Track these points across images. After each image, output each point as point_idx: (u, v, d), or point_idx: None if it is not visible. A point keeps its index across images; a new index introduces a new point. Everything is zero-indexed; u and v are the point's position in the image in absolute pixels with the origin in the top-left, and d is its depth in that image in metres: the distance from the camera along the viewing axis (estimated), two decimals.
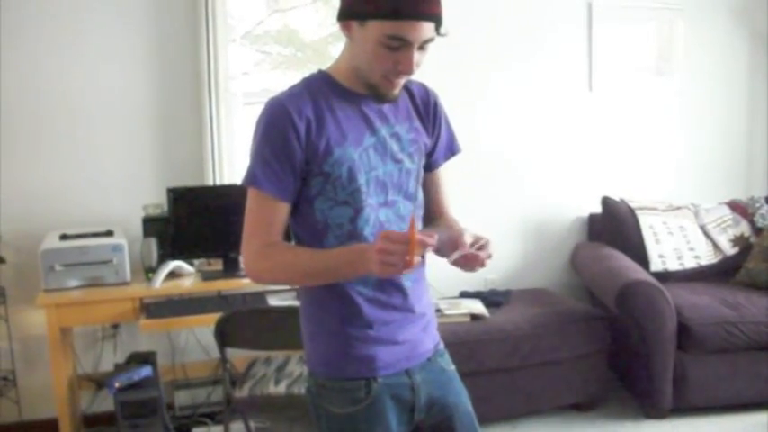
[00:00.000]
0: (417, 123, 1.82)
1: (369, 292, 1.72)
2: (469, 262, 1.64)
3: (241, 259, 1.73)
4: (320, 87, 1.72)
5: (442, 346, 1.90)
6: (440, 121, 1.88)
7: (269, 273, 1.74)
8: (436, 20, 1.60)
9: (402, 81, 1.69)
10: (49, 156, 3.80)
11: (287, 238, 1.76)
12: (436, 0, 1.59)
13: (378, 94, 1.69)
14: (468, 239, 1.62)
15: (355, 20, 1.61)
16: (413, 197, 1.79)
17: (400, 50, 1.59)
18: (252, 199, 1.70)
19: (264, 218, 1.69)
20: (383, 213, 1.73)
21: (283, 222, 1.72)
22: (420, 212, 1.84)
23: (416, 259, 1.50)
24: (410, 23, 1.56)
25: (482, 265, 1.64)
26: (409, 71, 1.63)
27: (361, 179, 1.69)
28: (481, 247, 1.64)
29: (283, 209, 1.70)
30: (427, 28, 1.58)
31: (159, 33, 3.88)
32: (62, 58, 3.77)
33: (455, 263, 1.64)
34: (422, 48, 1.62)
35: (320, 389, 1.75)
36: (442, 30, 1.62)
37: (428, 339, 1.85)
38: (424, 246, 1.53)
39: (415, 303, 1.79)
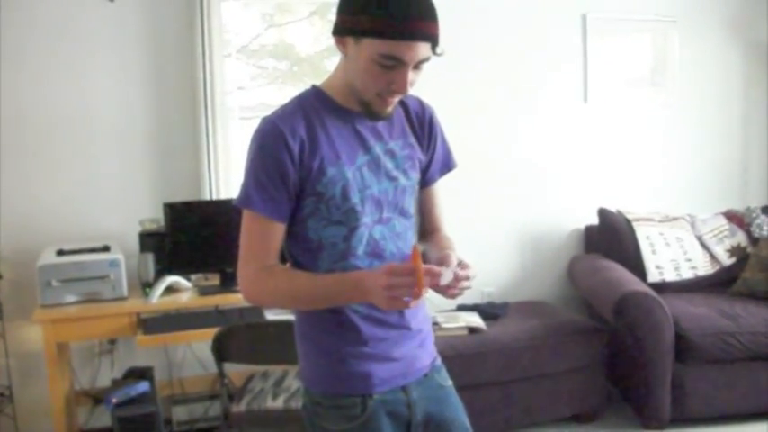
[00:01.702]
0: (412, 139, 1.81)
1: (363, 309, 1.71)
2: (449, 288, 1.59)
3: (238, 281, 1.71)
4: (313, 104, 1.71)
5: (438, 361, 1.89)
6: (435, 136, 1.87)
7: (265, 297, 1.75)
8: (432, 40, 1.57)
9: (395, 100, 1.67)
10: (45, 171, 3.80)
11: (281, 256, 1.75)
12: (433, 20, 1.57)
13: (370, 112, 1.67)
14: (454, 260, 1.60)
15: (350, 36, 1.59)
16: (408, 214, 1.78)
17: (394, 70, 1.57)
18: (247, 220, 1.69)
19: (260, 239, 1.69)
20: (378, 231, 1.73)
21: (279, 243, 1.71)
22: (414, 229, 1.83)
23: (425, 290, 1.50)
24: (405, 44, 1.54)
25: (460, 289, 1.59)
26: (402, 91, 1.61)
27: (355, 198, 1.68)
28: (463, 269, 1.60)
29: (279, 230, 1.69)
30: (423, 48, 1.56)
31: (155, 48, 3.89)
32: (58, 73, 3.78)
33: (438, 289, 1.59)
34: (417, 67, 1.60)
35: (316, 406, 1.74)
36: (439, 49, 1.60)
37: (425, 355, 1.83)
38: (431, 276, 1.53)
39: (411, 320, 1.78)
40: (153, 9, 3.87)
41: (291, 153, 1.63)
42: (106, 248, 3.61)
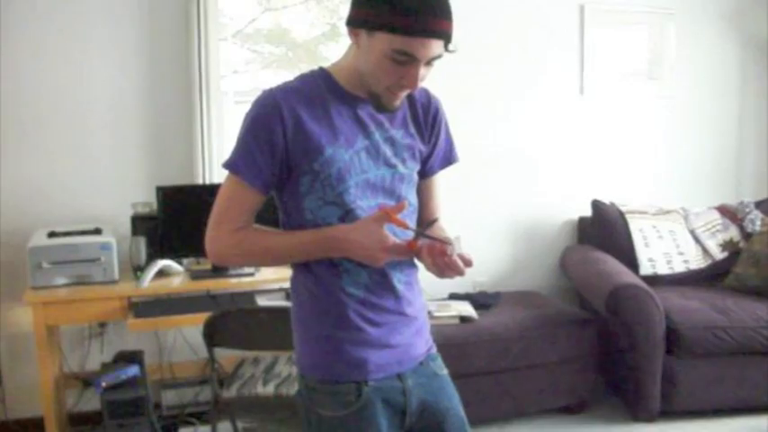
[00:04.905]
0: (413, 129, 1.80)
1: (360, 293, 1.71)
2: (446, 268, 1.62)
3: (206, 241, 1.72)
4: (318, 85, 1.71)
5: (434, 349, 1.89)
6: (439, 128, 1.86)
7: (238, 257, 1.78)
8: (446, 37, 1.57)
9: (404, 94, 1.67)
10: (37, 153, 3.77)
11: None
12: (448, 18, 1.56)
13: (379, 104, 1.67)
14: (457, 248, 1.62)
15: (364, 28, 1.58)
16: (406, 202, 1.78)
17: (406, 65, 1.57)
18: (228, 183, 1.71)
19: (238, 204, 1.71)
20: None
21: (255, 211, 1.72)
22: (414, 217, 1.83)
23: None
24: (419, 40, 1.53)
25: (459, 272, 1.62)
26: (413, 86, 1.62)
27: (351, 181, 1.68)
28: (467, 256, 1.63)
29: (257, 198, 1.70)
30: (436, 45, 1.56)
31: (150, 31, 3.86)
32: (52, 55, 3.74)
33: (434, 264, 1.63)
34: (428, 63, 1.60)
35: (311, 392, 1.74)
36: (452, 46, 1.59)
37: (421, 343, 1.83)
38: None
39: (406, 306, 1.78)
40: None
41: (285, 126, 1.64)
42: (98, 231, 3.59)
